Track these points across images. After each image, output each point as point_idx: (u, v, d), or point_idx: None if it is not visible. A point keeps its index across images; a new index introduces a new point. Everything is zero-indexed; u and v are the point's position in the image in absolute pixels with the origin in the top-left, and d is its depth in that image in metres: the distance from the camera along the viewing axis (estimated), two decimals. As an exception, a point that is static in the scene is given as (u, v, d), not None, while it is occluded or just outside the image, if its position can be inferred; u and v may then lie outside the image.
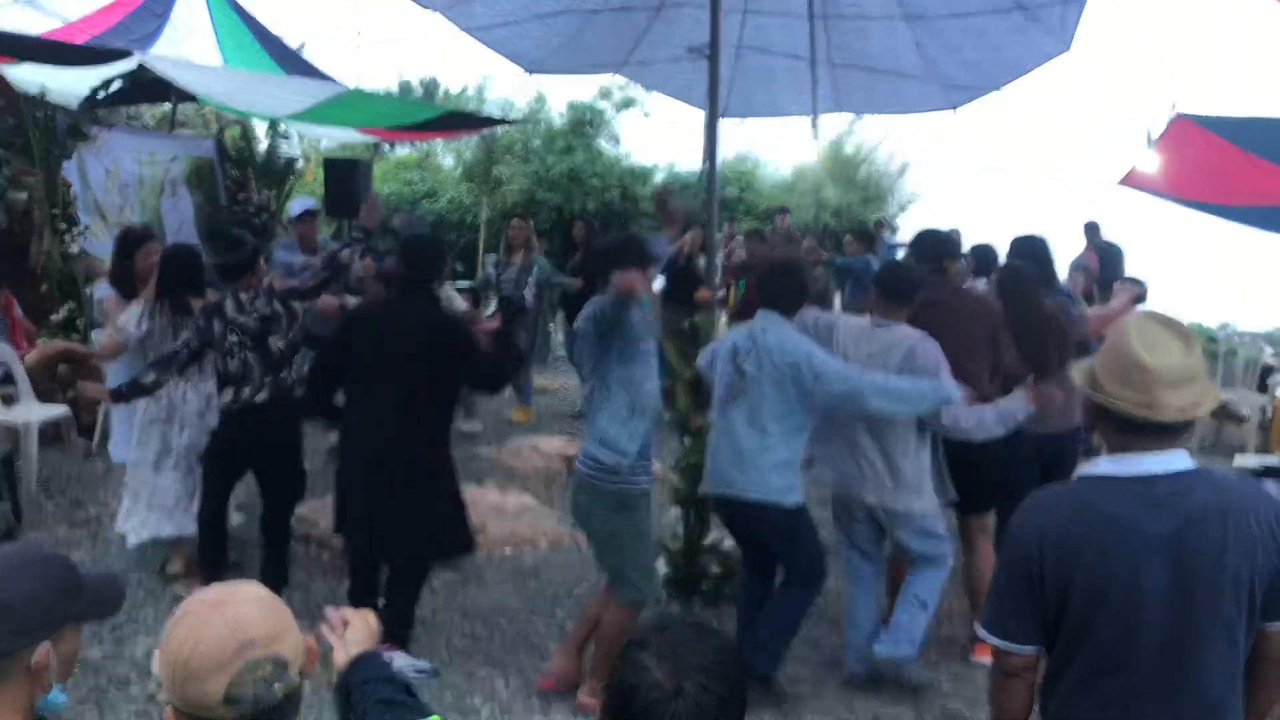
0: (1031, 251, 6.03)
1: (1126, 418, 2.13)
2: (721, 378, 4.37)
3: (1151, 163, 6.63)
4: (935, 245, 5.13)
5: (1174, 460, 2.14)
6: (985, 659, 4.76)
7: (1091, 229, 11.87)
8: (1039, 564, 2.17)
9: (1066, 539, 2.16)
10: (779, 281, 4.41)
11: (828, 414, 4.35)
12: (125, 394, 4.88)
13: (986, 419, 4.33)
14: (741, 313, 9.41)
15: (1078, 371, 2.28)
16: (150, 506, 5.27)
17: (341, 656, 2.03)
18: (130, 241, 5.83)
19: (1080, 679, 2.19)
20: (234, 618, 1.66)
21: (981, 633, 2.30)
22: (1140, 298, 8.25)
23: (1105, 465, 2.22)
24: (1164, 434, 2.13)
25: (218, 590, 1.74)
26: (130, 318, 5.23)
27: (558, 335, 12.38)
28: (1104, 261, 11.80)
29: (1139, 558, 2.10)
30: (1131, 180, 6.65)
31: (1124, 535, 2.11)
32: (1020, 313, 4.96)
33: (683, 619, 1.67)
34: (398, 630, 4.26)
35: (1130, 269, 9.60)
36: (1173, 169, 6.60)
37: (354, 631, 2.08)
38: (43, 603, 1.79)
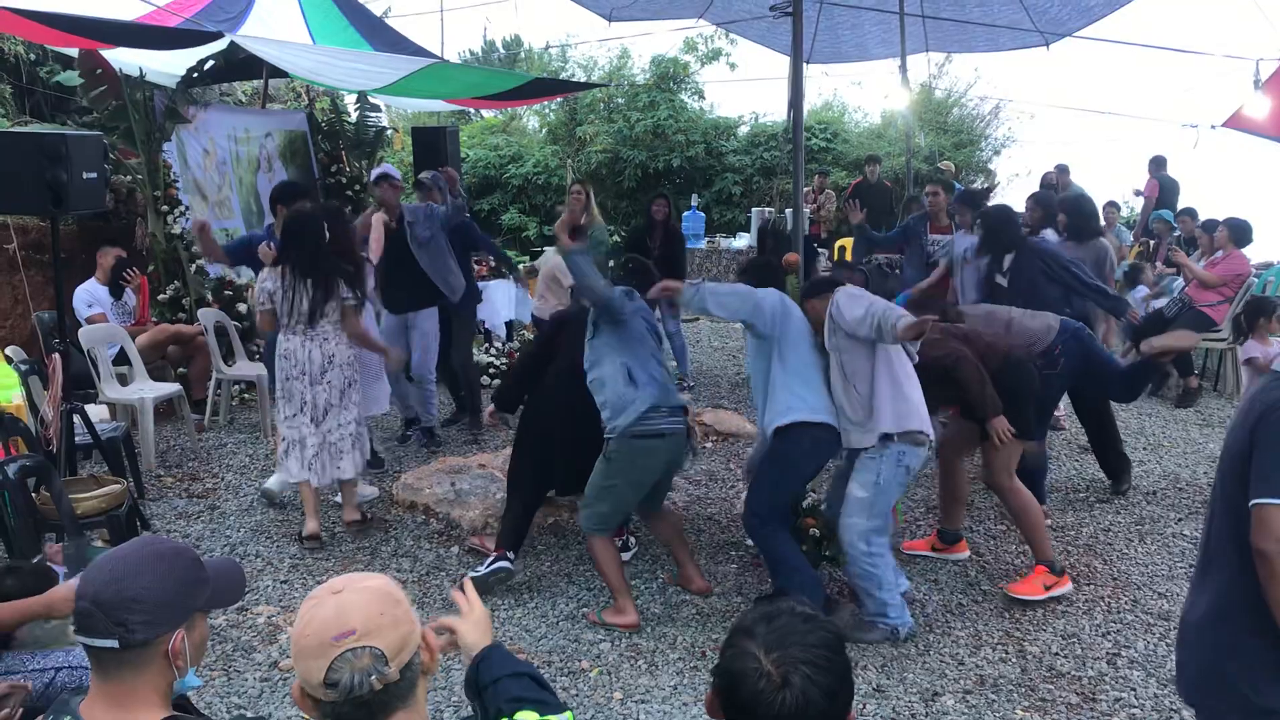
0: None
1: None
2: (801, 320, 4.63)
3: (1259, 104, 6.37)
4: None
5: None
6: (1027, 595, 4.80)
7: (1158, 162, 12.38)
8: None
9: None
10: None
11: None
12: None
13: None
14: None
15: None
16: (288, 453, 5.61)
17: (465, 640, 2.09)
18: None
19: None
20: (342, 605, 1.70)
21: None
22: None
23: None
24: None
25: (347, 578, 1.78)
26: (259, 282, 5.72)
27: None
28: (1163, 192, 11.94)
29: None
30: (1235, 122, 6.40)
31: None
32: None
33: (791, 608, 1.66)
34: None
35: (1232, 209, 9.32)
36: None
37: (465, 622, 2.13)
38: (172, 595, 1.87)
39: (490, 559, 5.01)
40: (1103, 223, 8.32)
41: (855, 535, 4.49)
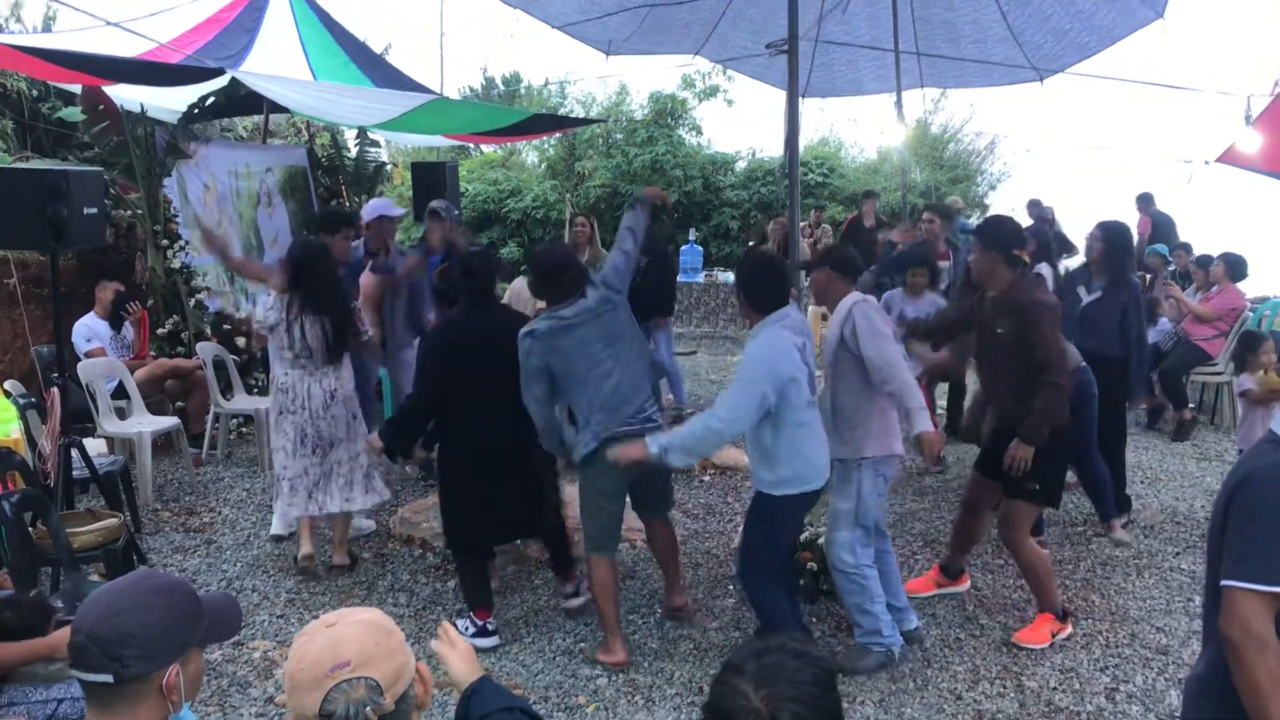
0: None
1: None
2: (805, 371, 4.28)
3: (1251, 140, 6.41)
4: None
5: None
6: (1035, 644, 4.76)
7: (1145, 199, 12.40)
8: None
9: None
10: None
11: None
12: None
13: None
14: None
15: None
16: (293, 488, 5.55)
17: (454, 670, 2.08)
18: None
19: None
20: (336, 638, 1.72)
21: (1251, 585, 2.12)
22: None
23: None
24: None
25: (339, 612, 1.81)
26: (261, 307, 5.61)
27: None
28: (1156, 228, 12.02)
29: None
30: (1229, 157, 6.44)
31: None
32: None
33: (781, 644, 1.66)
34: (566, 560, 5.21)
35: (1227, 244, 9.40)
36: (1274, 144, 6.38)
37: (453, 653, 2.12)
38: (167, 630, 1.87)
39: (471, 629, 4.83)
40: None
41: (842, 549, 4.49)
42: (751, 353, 4.22)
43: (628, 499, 4.82)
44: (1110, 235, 6.40)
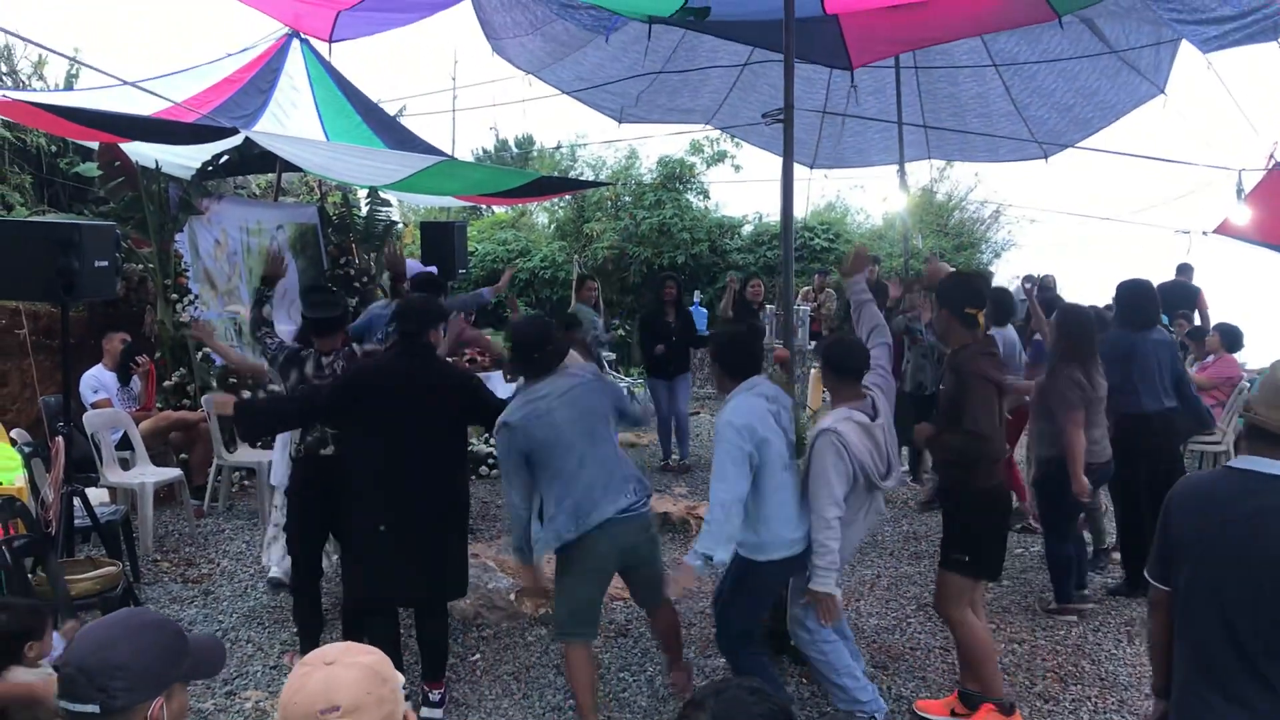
0: (1132, 295, 6.21)
1: (1271, 433, 2.51)
2: (779, 434, 4.31)
3: (1244, 212, 6.55)
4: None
5: None
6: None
7: (1183, 269, 12.36)
8: (1166, 518, 2.71)
9: (1186, 502, 2.67)
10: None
11: None
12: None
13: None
14: None
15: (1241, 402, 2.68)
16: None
17: None
18: None
19: (1175, 620, 2.67)
20: (332, 680, 1.74)
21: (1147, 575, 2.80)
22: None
23: (1236, 461, 2.63)
24: None
25: (341, 649, 1.82)
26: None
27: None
28: (1170, 296, 12.10)
29: (1217, 528, 2.53)
30: (1224, 229, 6.58)
31: (1215, 508, 2.56)
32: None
33: (739, 682, 1.73)
34: (442, 665, 4.77)
35: (1224, 314, 9.49)
36: (1269, 216, 6.51)
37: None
38: (153, 664, 1.95)
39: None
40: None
41: (796, 625, 4.50)
42: (725, 417, 4.22)
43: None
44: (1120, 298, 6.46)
